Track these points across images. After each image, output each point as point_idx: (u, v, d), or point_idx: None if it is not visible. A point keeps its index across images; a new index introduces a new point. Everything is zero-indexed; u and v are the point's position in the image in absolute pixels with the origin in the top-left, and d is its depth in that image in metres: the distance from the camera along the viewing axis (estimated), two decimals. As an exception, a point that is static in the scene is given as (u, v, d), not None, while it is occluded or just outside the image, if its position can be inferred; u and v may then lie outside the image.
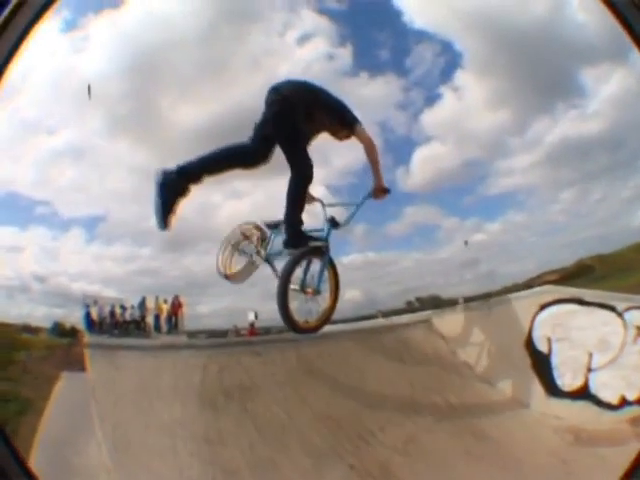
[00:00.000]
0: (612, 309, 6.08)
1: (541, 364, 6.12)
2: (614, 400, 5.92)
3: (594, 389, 6.00)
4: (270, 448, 4.35)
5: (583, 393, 6.01)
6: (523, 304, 6.40)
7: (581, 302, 6.17)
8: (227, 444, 4.27)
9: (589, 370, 6.05)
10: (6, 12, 1.36)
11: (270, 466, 4.14)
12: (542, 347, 6.12)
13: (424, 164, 14.96)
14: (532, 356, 6.17)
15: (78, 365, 5.08)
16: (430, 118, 15.23)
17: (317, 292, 5.65)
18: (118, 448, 3.92)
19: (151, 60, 13.51)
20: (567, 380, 6.09)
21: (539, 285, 8.22)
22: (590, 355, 6.06)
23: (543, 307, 6.22)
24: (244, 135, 5.46)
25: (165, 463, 3.95)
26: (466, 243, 13.72)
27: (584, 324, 6.09)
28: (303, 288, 5.62)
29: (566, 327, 6.10)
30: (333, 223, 5.73)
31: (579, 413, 5.88)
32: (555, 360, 6.08)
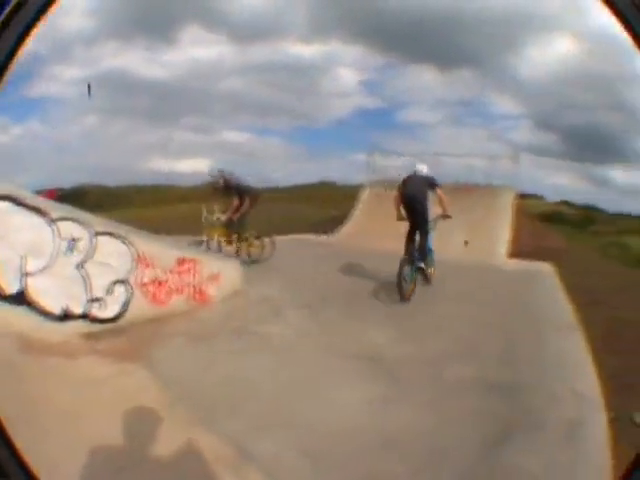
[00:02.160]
0: (44, 215, 5.51)
1: None
2: (55, 310, 5.47)
3: (33, 295, 5.36)
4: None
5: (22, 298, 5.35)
6: None
7: (15, 201, 5.37)
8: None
9: (25, 274, 5.35)
10: (6, 12, 1.30)
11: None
12: None
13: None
14: None
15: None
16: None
17: None
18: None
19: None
20: (4, 282, 5.28)
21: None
22: (24, 258, 5.37)
23: None
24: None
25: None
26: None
27: (18, 224, 5.35)
28: None
29: (3, 225, 5.30)
30: None
31: (22, 319, 5.21)
32: None
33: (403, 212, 8.31)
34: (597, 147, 39.52)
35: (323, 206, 22.79)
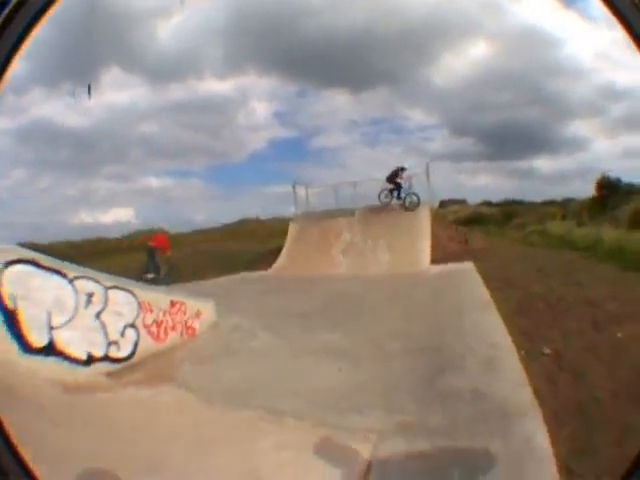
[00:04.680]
0: (63, 275, 6.28)
1: (12, 321, 5.74)
2: (82, 356, 6.23)
3: (60, 346, 6.04)
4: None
5: (51, 349, 5.95)
6: None
7: (37, 265, 6.10)
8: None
9: (52, 328, 5.98)
10: (6, 12, 1.38)
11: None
12: (11, 305, 5.74)
13: None
14: (2, 312, 5.71)
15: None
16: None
17: None
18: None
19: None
20: (34, 337, 5.83)
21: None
22: (49, 314, 5.99)
23: (7, 264, 5.83)
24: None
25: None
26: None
27: (40, 284, 6.06)
28: None
29: (27, 286, 5.92)
30: None
31: (54, 367, 5.89)
32: (21, 317, 5.78)
33: None
34: (517, 142, 41.16)
35: (249, 242, 22.96)
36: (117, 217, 38.95)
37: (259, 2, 34.61)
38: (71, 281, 6.39)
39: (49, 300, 6.12)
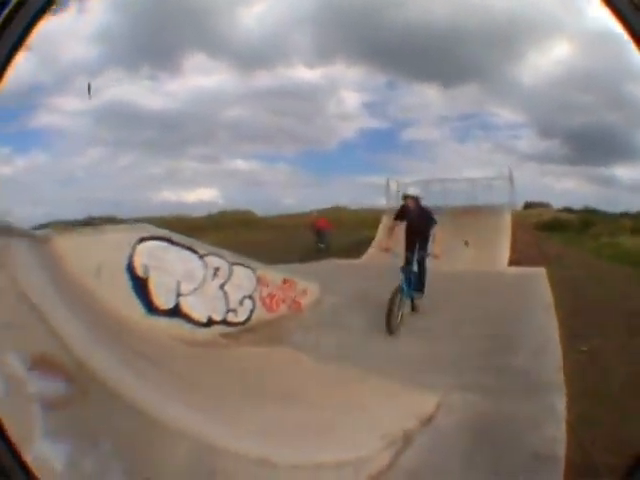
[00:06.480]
0: (194, 251, 7.23)
1: (140, 287, 6.68)
2: (202, 319, 7.11)
3: (185, 310, 6.95)
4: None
5: (176, 312, 6.89)
6: (122, 236, 6.83)
7: (171, 241, 7.04)
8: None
9: (179, 294, 6.92)
10: (6, 12, 1.41)
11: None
12: (140, 273, 6.66)
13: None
14: (132, 280, 6.63)
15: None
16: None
17: None
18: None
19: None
20: (162, 301, 6.78)
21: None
22: (179, 283, 6.93)
23: (141, 240, 6.75)
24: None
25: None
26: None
27: (173, 258, 7.00)
28: None
29: (160, 259, 6.83)
30: None
31: (176, 327, 6.79)
32: (151, 284, 6.73)
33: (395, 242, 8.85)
34: (600, 147, 38.57)
35: (338, 230, 22.49)
36: (201, 197, 39.49)
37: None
38: (201, 257, 7.39)
39: (180, 271, 7.11)
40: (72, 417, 2.94)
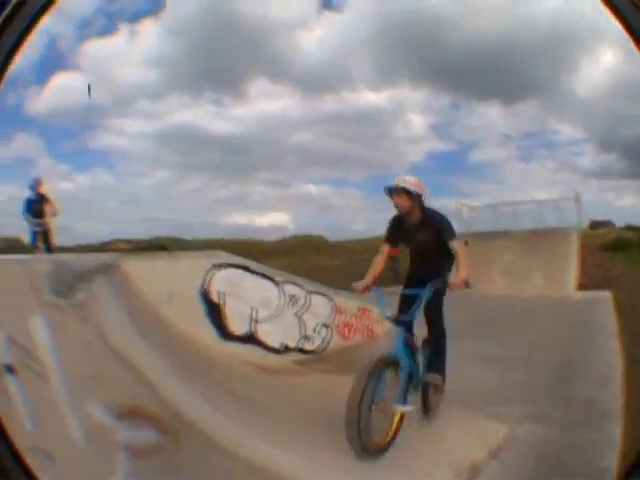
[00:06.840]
0: (271, 279, 7.32)
1: (215, 313, 6.77)
2: (276, 346, 7.10)
3: (260, 336, 7.01)
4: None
5: (250, 338, 6.93)
6: (198, 262, 7.00)
7: (247, 269, 7.15)
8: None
9: (255, 321, 6.99)
10: (6, 12, 1.39)
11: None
12: (215, 299, 6.78)
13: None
14: (206, 305, 6.73)
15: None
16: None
17: None
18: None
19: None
20: (236, 327, 6.87)
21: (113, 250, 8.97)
22: (255, 310, 7.00)
23: (216, 266, 6.89)
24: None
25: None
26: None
27: (250, 285, 7.10)
28: None
29: (236, 285, 6.92)
30: None
31: (249, 353, 6.80)
32: (226, 310, 6.83)
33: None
34: None
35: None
36: (272, 221, 40.01)
37: (397, 14, 33.62)
38: (278, 284, 7.53)
39: (256, 298, 7.24)
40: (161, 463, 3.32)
